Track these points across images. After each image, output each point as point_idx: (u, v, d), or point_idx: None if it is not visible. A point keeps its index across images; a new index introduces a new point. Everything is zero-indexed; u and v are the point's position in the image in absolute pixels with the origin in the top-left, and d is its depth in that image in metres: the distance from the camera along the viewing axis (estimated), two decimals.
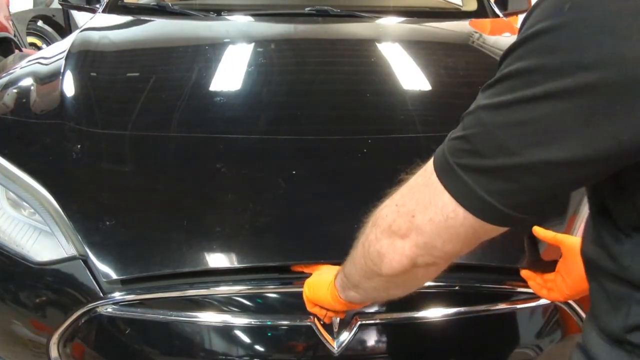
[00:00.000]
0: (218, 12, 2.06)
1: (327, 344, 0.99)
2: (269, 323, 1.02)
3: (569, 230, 1.11)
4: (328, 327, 0.99)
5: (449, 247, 0.58)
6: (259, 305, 1.03)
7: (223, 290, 1.02)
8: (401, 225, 0.60)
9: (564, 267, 0.97)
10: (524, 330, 1.09)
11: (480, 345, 1.09)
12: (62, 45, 1.77)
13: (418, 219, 0.58)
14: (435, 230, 0.57)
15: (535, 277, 1.01)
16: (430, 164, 0.59)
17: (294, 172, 1.18)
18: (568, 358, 0.63)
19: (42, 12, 5.54)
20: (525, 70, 0.48)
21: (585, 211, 1.14)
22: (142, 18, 2.06)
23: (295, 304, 1.03)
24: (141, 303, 1.02)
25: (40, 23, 5.50)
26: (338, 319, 0.99)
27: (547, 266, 1.01)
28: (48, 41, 5.40)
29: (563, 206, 1.14)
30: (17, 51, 4.27)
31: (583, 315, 1.06)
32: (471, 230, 0.56)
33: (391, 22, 2.12)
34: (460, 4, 2.35)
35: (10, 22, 4.48)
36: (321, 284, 0.90)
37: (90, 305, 1.01)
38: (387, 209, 0.63)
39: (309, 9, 2.05)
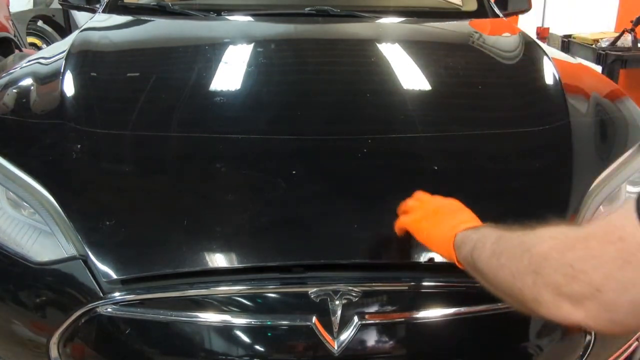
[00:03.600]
0: (218, 12, 2.06)
1: (327, 344, 0.99)
2: (269, 323, 1.02)
3: None
4: (328, 327, 0.99)
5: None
6: (259, 305, 1.03)
7: (223, 290, 1.02)
8: (577, 291, 0.55)
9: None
10: (524, 330, 1.08)
11: (480, 345, 1.09)
12: (62, 45, 1.77)
13: (609, 296, 0.53)
14: (635, 312, 0.52)
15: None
16: (630, 234, 0.52)
17: (294, 172, 1.18)
18: None
19: (42, 12, 5.54)
20: None
21: (585, 211, 1.14)
22: (142, 18, 2.05)
23: (295, 304, 1.03)
24: (141, 303, 1.02)
25: (40, 23, 5.51)
26: (338, 319, 0.99)
27: None
28: (48, 41, 5.41)
29: (563, 205, 1.14)
30: (17, 51, 4.27)
31: None
32: None
33: (391, 22, 2.12)
34: (460, 4, 2.35)
35: (10, 22, 4.48)
36: (442, 233, 0.89)
37: (90, 305, 1.01)
38: (556, 264, 0.58)
39: (309, 9, 2.05)
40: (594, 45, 3.80)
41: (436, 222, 0.92)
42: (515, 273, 0.64)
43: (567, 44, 4.12)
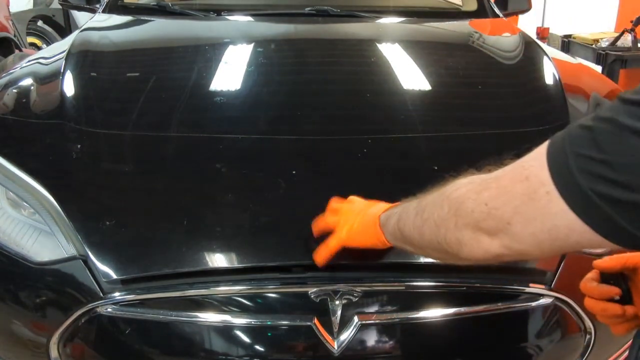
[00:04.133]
0: (218, 12, 2.06)
1: (327, 344, 0.99)
2: (269, 323, 1.02)
3: None
4: (328, 327, 0.99)
5: (546, 254, 0.58)
6: (259, 305, 1.03)
7: (223, 290, 1.02)
8: (491, 225, 0.60)
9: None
10: (524, 330, 1.09)
11: (480, 345, 1.09)
12: (62, 45, 1.77)
13: (517, 229, 0.58)
14: (536, 243, 0.57)
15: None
16: (534, 173, 0.56)
17: (294, 172, 1.18)
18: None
19: (42, 12, 5.55)
20: None
21: None
22: (142, 18, 2.05)
23: (295, 304, 1.03)
24: (141, 303, 1.02)
25: (40, 23, 5.51)
26: (338, 319, 0.99)
27: None
28: (48, 41, 5.41)
29: None
30: (17, 51, 4.28)
31: (583, 315, 1.06)
32: (586, 244, 0.54)
33: (391, 22, 2.12)
34: (460, 4, 2.35)
35: (10, 22, 4.48)
36: (366, 222, 0.92)
37: (90, 305, 1.01)
38: (473, 204, 0.62)
39: (309, 9, 2.05)
40: (594, 45, 3.81)
41: (359, 219, 0.95)
42: (438, 221, 0.69)
43: (567, 44, 4.12)
